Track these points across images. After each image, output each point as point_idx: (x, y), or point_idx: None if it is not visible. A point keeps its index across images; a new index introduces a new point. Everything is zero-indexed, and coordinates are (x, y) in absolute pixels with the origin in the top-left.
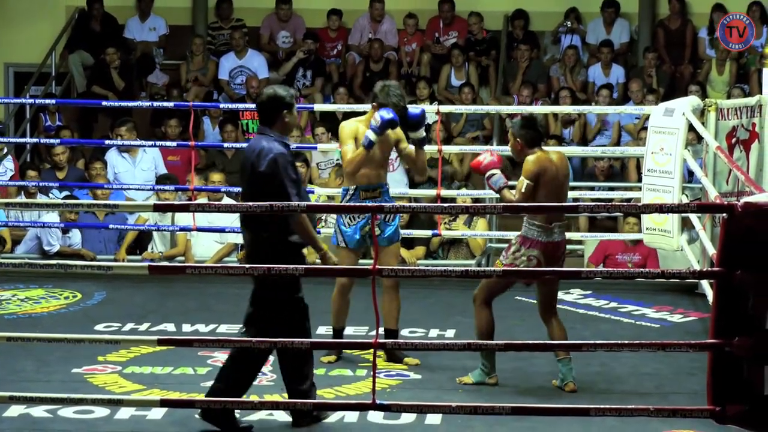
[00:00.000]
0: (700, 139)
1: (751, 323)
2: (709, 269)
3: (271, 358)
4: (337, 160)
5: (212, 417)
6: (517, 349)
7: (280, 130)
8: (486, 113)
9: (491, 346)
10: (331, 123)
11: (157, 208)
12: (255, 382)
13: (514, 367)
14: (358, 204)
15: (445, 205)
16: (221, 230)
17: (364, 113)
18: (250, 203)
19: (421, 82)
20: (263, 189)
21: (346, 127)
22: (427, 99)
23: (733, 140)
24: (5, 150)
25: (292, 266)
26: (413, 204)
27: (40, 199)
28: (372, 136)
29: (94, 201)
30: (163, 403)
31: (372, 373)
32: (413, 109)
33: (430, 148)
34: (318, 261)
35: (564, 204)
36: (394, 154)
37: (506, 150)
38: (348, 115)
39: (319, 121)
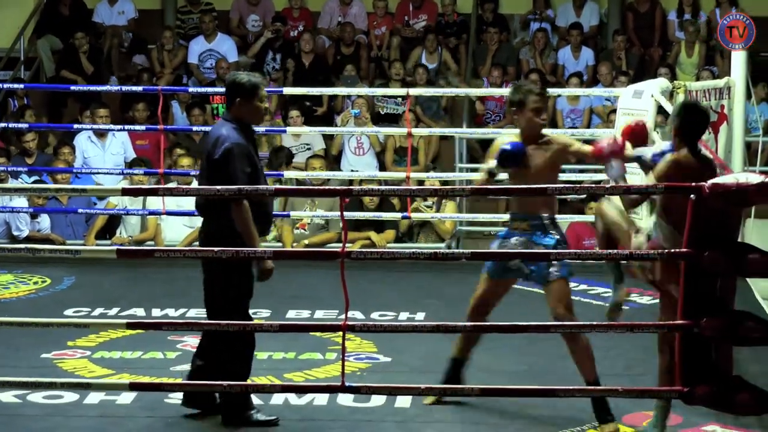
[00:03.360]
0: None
1: (719, 304)
2: (678, 250)
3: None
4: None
5: (194, 402)
6: (486, 331)
7: (240, 117)
8: (454, 96)
9: (460, 329)
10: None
11: (125, 192)
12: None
13: (484, 349)
14: (324, 188)
15: (414, 187)
16: (191, 214)
17: (333, 97)
18: (219, 187)
19: (396, 63)
20: (215, 177)
21: (497, 141)
22: (400, 81)
23: None
24: None
25: (260, 249)
26: (381, 187)
27: (9, 184)
28: (494, 166)
29: (62, 186)
30: (132, 386)
31: (341, 356)
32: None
33: (399, 131)
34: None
35: (532, 186)
36: (364, 138)
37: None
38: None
39: (292, 104)
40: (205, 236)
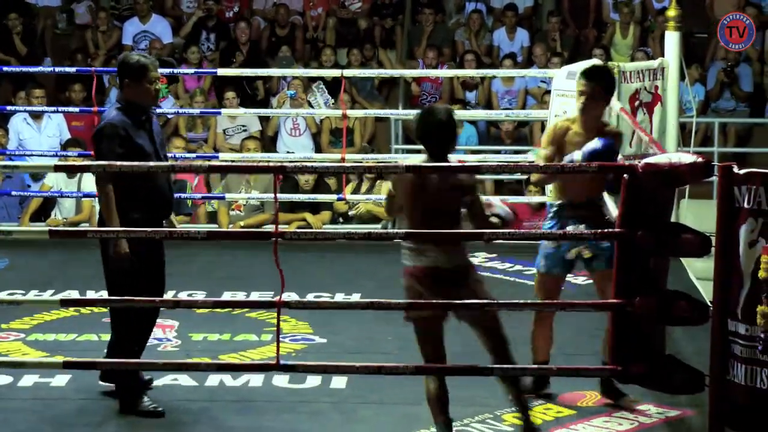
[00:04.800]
0: None
1: (652, 283)
2: (611, 230)
3: (176, 323)
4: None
5: (109, 377)
6: (419, 308)
7: (129, 99)
8: (390, 77)
9: (393, 306)
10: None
11: (57, 169)
12: (160, 348)
13: None
14: (259, 164)
15: (348, 165)
16: None
17: (267, 78)
18: (161, 164)
19: (328, 49)
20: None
21: (551, 128)
22: (333, 66)
23: (636, 103)
24: None
25: (194, 229)
26: (316, 164)
27: None
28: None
29: None
30: (66, 365)
31: (276, 335)
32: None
33: (334, 113)
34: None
35: (462, 165)
36: (300, 119)
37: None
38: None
39: (226, 85)
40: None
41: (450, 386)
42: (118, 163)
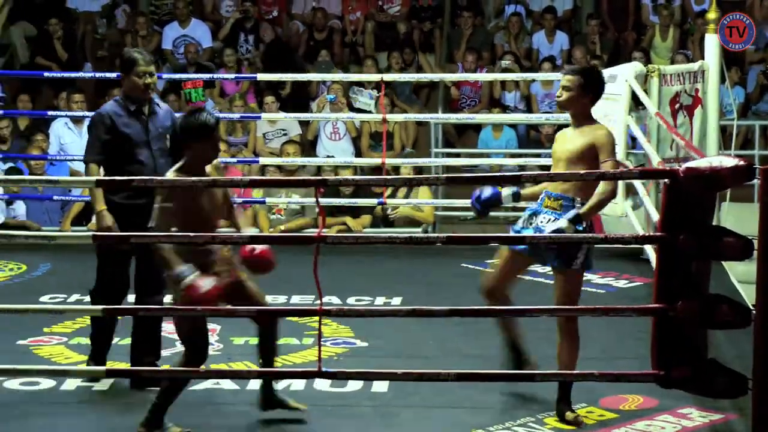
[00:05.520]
0: (641, 104)
1: (694, 287)
2: (652, 234)
3: (218, 327)
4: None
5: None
6: (461, 315)
7: (125, 92)
8: (430, 80)
9: (435, 313)
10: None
11: (99, 184)
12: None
13: (459, 333)
14: (299, 178)
15: (388, 177)
16: None
17: (307, 84)
18: (202, 178)
19: (369, 60)
20: None
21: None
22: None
23: (677, 106)
24: None
25: (236, 234)
26: (355, 177)
27: None
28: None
29: (36, 177)
30: (109, 373)
31: (318, 341)
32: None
33: (374, 117)
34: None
35: (505, 174)
36: (339, 123)
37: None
38: (294, 86)
39: (266, 89)
40: None
41: (491, 391)
42: (172, 178)
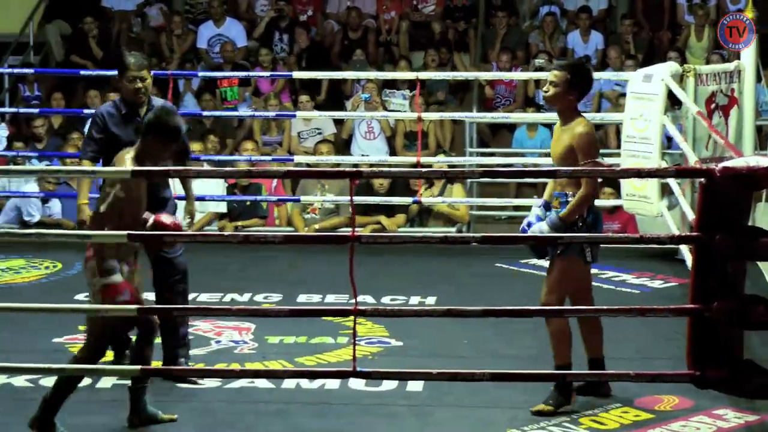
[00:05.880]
0: (677, 104)
1: (730, 288)
2: (688, 234)
3: (252, 326)
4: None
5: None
6: (496, 315)
7: (120, 92)
8: (465, 80)
9: (470, 313)
10: (312, 90)
11: (135, 174)
12: (236, 351)
13: (494, 333)
14: (334, 169)
15: (423, 169)
16: (201, 198)
17: (342, 81)
18: (239, 169)
19: (402, 61)
20: None
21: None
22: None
23: (712, 106)
24: None
25: (270, 233)
26: (391, 168)
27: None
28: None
29: (72, 168)
30: (143, 372)
31: (352, 340)
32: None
33: (409, 115)
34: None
35: (539, 169)
36: (374, 122)
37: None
38: (329, 86)
39: (301, 88)
40: None
41: (527, 390)
42: (209, 169)
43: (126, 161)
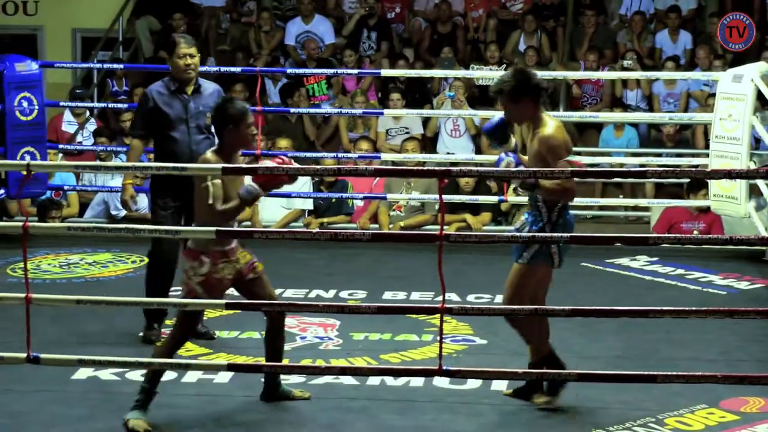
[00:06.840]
0: (766, 105)
1: None
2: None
3: (337, 322)
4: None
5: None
6: (583, 315)
7: (170, 72)
8: (553, 78)
9: (557, 312)
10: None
11: (225, 171)
12: (321, 347)
13: (579, 333)
14: (422, 168)
15: (511, 169)
16: (287, 195)
17: (429, 80)
18: (327, 167)
19: (492, 45)
20: None
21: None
22: (497, 63)
23: None
24: (87, 114)
25: (359, 230)
26: (481, 168)
27: (109, 163)
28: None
29: (160, 164)
30: (230, 367)
31: (438, 338)
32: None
33: (495, 113)
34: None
35: (625, 170)
36: (460, 120)
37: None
38: (413, 82)
39: (393, 87)
40: None
41: (612, 391)
42: (294, 166)
43: (210, 161)
